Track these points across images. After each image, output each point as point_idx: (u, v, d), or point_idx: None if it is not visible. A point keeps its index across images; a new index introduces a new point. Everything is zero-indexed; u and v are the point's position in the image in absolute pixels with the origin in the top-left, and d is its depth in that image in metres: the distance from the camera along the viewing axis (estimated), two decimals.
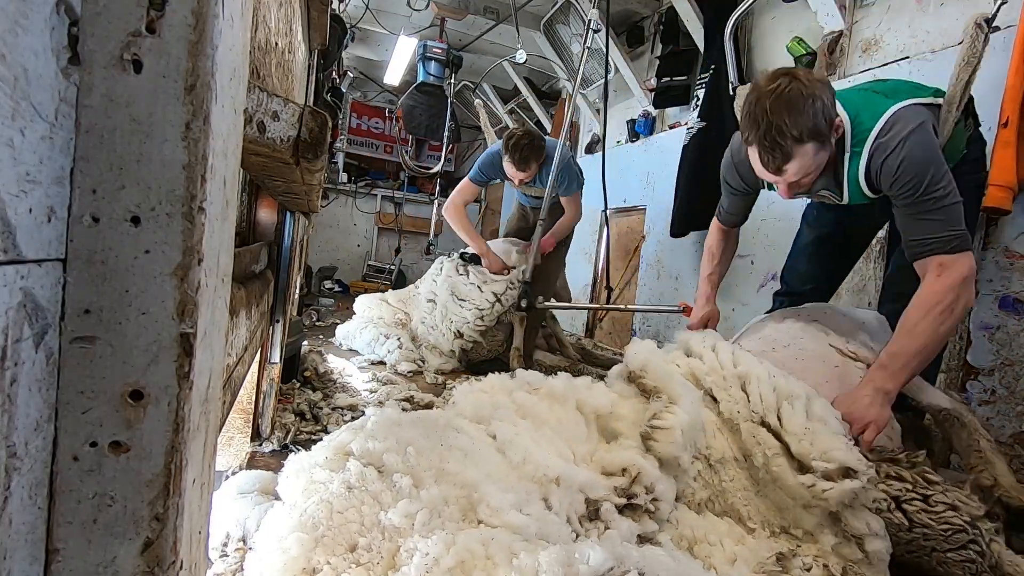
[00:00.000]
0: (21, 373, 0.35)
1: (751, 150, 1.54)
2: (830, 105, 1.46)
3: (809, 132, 1.44)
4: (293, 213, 1.61)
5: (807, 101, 1.42)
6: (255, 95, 0.67)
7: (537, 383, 1.64)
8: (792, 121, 1.42)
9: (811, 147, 1.46)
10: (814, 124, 1.43)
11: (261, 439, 1.71)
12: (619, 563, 0.86)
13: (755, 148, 1.51)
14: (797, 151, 1.46)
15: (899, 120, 1.49)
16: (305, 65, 2.04)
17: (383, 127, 7.76)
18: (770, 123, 1.43)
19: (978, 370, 2.14)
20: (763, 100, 1.45)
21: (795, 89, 1.42)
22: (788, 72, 1.48)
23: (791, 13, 3.20)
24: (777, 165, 1.50)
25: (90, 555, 0.41)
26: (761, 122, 1.45)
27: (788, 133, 1.43)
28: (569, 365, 3.29)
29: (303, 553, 0.92)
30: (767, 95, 1.45)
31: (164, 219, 0.41)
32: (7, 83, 0.32)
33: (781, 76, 1.46)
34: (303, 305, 4.04)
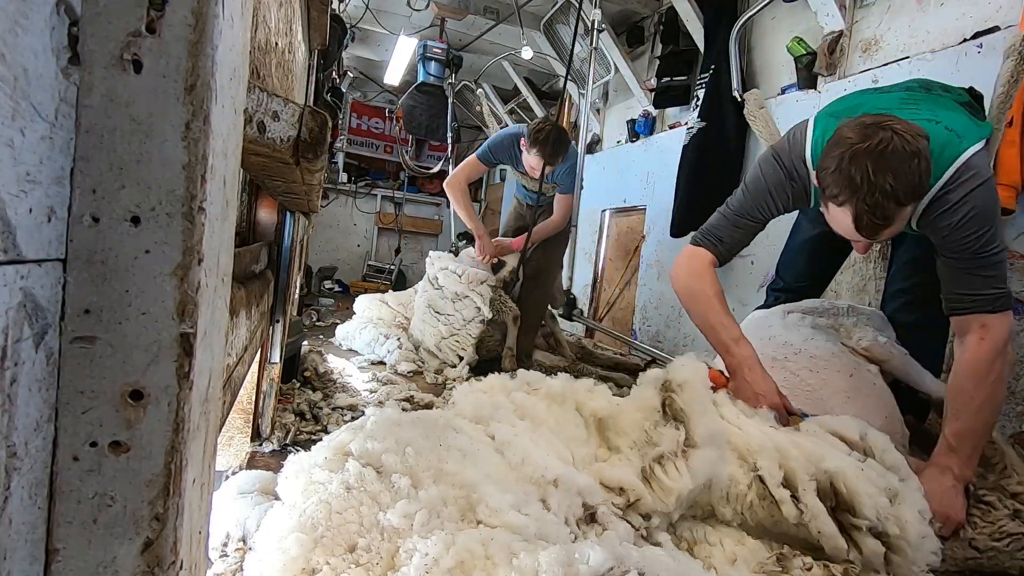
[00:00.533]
0: (21, 373, 0.35)
1: (840, 211, 1.37)
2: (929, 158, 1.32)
3: (913, 193, 1.30)
4: (293, 213, 1.61)
5: (912, 161, 1.27)
6: (255, 95, 0.67)
7: (536, 383, 1.64)
8: (897, 184, 1.27)
9: (910, 209, 1.34)
10: (918, 184, 1.29)
11: (261, 439, 1.71)
12: (619, 563, 0.86)
13: (849, 210, 1.34)
14: (899, 214, 1.32)
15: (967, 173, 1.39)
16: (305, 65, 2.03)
17: (383, 127, 7.76)
18: (873, 185, 1.28)
19: None
20: (862, 159, 1.29)
21: (898, 147, 1.27)
22: (885, 124, 1.31)
23: (791, 13, 3.20)
24: (876, 230, 1.35)
25: (90, 555, 0.41)
26: (862, 184, 1.29)
27: (892, 197, 1.28)
28: (569, 365, 3.29)
29: (302, 553, 0.92)
30: (866, 153, 1.29)
31: (164, 219, 0.41)
32: (7, 83, 0.32)
33: (880, 129, 1.30)
34: (303, 305, 4.04)
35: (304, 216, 1.90)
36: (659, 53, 4.20)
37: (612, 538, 1.11)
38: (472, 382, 1.70)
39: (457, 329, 2.94)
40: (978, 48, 2.18)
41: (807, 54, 2.95)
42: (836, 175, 1.33)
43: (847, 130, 1.36)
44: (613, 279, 4.77)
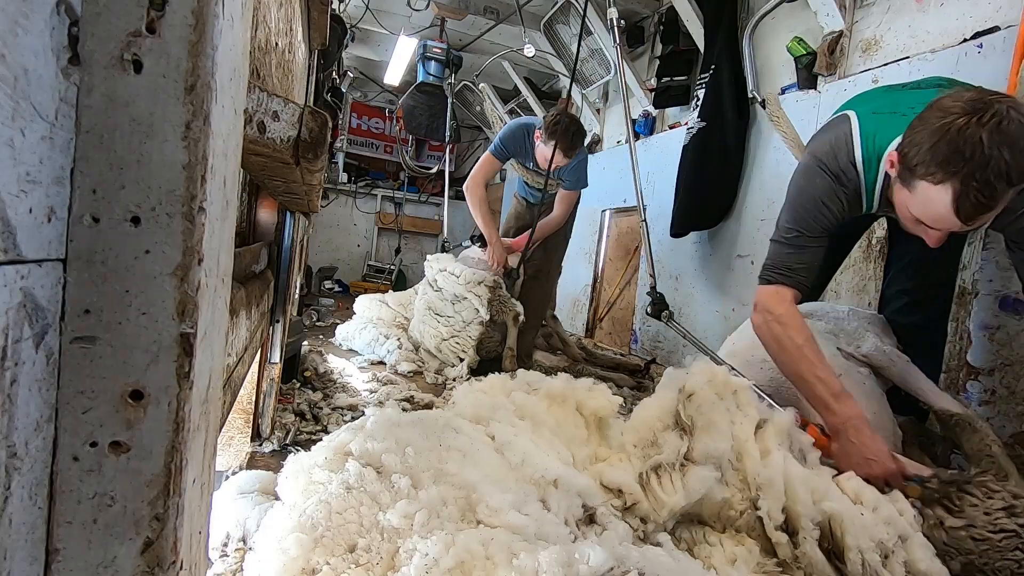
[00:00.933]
0: (21, 373, 0.35)
1: (937, 190, 1.23)
2: None
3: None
4: (293, 213, 1.61)
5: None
6: (255, 95, 0.67)
7: (537, 383, 1.64)
8: (1013, 160, 1.15)
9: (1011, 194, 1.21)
10: None
11: (261, 439, 1.71)
12: (619, 563, 0.86)
13: (949, 188, 1.21)
14: (1004, 197, 1.20)
15: None
16: (305, 65, 2.03)
17: (383, 127, 7.76)
18: (987, 159, 1.15)
19: (978, 370, 2.14)
20: (973, 130, 1.17)
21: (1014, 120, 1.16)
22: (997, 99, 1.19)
23: (791, 13, 3.20)
24: (978, 212, 1.21)
25: (90, 555, 0.41)
26: (970, 158, 1.17)
27: (1005, 175, 1.16)
28: (569, 365, 3.29)
29: (302, 554, 0.92)
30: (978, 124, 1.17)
31: (164, 219, 0.41)
32: (7, 83, 0.32)
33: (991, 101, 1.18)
34: (303, 305, 4.04)
35: (304, 216, 1.90)
36: (659, 53, 4.20)
37: (612, 538, 1.11)
38: (472, 382, 1.70)
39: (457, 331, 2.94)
40: (978, 48, 2.18)
41: (807, 54, 2.95)
42: (937, 149, 1.20)
43: (948, 102, 1.23)
44: (613, 279, 4.77)
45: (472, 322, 2.96)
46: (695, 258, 3.69)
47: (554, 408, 1.54)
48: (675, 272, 3.91)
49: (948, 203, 1.23)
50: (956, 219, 1.25)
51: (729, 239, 3.37)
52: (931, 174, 1.23)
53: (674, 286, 3.88)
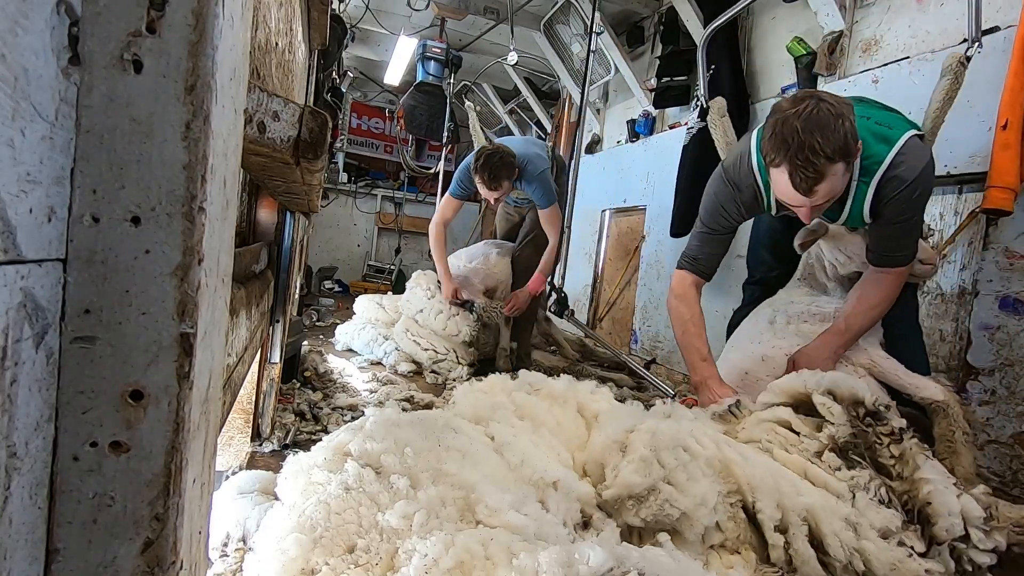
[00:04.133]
0: (21, 373, 0.35)
1: (778, 172, 1.53)
2: (854, 122, 1.48)
3: (840, 151, 1.45)
4: (293, 213, 1.61)
5: (836, 121, 1.44)
6: (255, 95, 0.67)
7: (539, 384, 1.64)
8: (824, 140, 1.42)
9: (840, 167, 1.48)
10: (844, 143, 1.45)
11: (261, 439, 1.71)
12: (619, 563, 0.86)
13: (784, 169, 1.50)
14: (828, 170, 1.46)
15: (910, 154, 1.59)
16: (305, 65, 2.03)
17: (383, 127, 7.76)
18: (802, 143, 1.43)
19: (978, 370, 2.14)
20: (791, 121, 1.45)
21: (824, 110, 1.44)
22: (813, 94, 1.50)
23: (791, 13, 3.20)
24: (809, 185, 1.48)
25: (90, 555, 0.41)
26: (792, 142, 1.45)
27: (821, 152, 1.43)
28: (568, 365, 3.29)
29: (301, 554, 0.92)
30: (795, 116, 1.45)
31: (164, 219, 0.41)
32: (7, 83, 0.32)
33: (807, 98, 1.48)
34: (303, 305, 4.04)
35: (304, 216, 1.90)
36: (659, 53, 4.20)
37: (611, 538, 1.11)
38: (472, 382, 1.70)
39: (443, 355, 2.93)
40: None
41: (807, 54, 2.95)
42: (772, 140, 1.50)
43: (781, 102, 1.54)
44: (613, 279, 4.77)
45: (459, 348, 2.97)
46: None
47: (555, 409, 1.54)
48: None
49: (787, 181, 1.51)
50: (798, 194, 1.52)
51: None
52: (772, 161, 1.53)
53: None
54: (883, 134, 1.62)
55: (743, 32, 3.51)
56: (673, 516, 1.16)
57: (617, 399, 1.71)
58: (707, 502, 1.18)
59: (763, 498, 1.21)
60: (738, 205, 1.83)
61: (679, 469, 1.21)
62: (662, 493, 1.18)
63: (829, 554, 1.15)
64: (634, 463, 1.21)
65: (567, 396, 1.59)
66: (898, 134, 1.61)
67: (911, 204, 1.61)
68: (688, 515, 1.17)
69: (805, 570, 1.15)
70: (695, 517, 1.17)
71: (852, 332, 1.71)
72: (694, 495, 1.18)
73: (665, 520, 1.17)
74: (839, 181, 1.51)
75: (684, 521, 1.17)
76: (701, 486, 1.20)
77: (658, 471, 1.20)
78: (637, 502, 1.19)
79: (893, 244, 1.69)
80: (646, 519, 1.18)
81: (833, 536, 1.15)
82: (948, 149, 2.25)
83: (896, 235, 1.67)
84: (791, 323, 1.86)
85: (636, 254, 4.40)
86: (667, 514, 1.16)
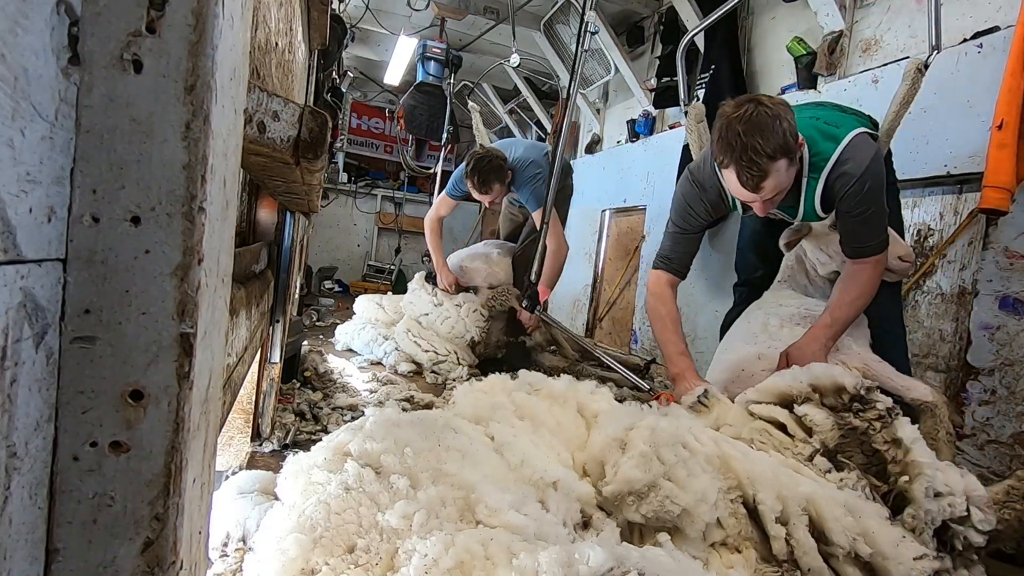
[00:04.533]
0: (21, 373, 0.35)
1: (728, 172, 1.64)
2: (792, 122, 1.60)
3: (780, 149, 1.56)
4: (293, 213, 1.61)
5: (775, 121, 1.55)
6: (255, 95, 0.67)
7: (539, 384, 1.64)
8: (764, 141, 1.54)
9: (783, 163, 1.59)
10: (784, 141, 1.56)
11: (261, 439, 1.71)
12: (619, 563, 0.86)
13: (732, 169, 1.61)
14: (771, 168, 1.58)
15: (856, 149, 1.69)
16: (305, 65, 2.03)
17: (383, 127, 7.76)
18: (744, 144, 1.55)
19: (978, 370, 2.14)
20: (734, 124, 1.57)
21: (762, 112, 1.56)
22: (752, 98, 1.61)
23: (791, 13, 3.20)
24: (755, 183, 1.60)
25: (90, 555, 0.41)
26: (736, 145, 1.57)
27: (763, 151, 1.55)
28: (569, 365, 3.29)
29: (301, 554, 0.92)
30: (736, 120, 1.57)
31: (164, 219, 0.41)
32: (7, 83, 0.32)
33: (746, 103, 1.60)
34: (303, 305, 4.04)
35: (304, 216, 1.90)
36: (659, 53, 4.20)
37: (611, 538, 1.10)
38: (472, 382, 1.70)
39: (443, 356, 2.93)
40: (978, 48, 2.18)
41: (807, 54, 2.95)
42: (719, 144, 1.62)
43: (725, 108, 1.64)
44: (613, 279, 4.77)
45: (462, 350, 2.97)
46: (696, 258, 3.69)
47: (555, 409, 1.54)
48: None
49: (735, 180, 1.62)
50: (747, 191, 1.63)
51: (729, 239, 3.37)
52: (721, 162, 1.64)
53: None
54: (830, 133, 1.73)
55: (743, 32, 3.51)
56: (674, 512, 1.16)
57: (617, 399, 1.71)
58: (707, 498, 1.18)
59: (763, 490, 1.22)
60: (704, 204, 1.93)
61: (679, 465, 1.21)
62: (662, 489, 1.18)
63: (831, 542, 1.15)
64: (634, 459, 1.21)
65: (567, 396, 1.59)
66: (844, 132, 1.71)
67: (864, 197, 1.69)
68: (689, 511, 1.17)
69: (807, 560, 1.15)
70: (696, 513, 1.17)
71: (838, 324, 1.76)
72: (694, 491, 1.18)
73: (666, 517, 1.17)
74: (783, 176, 1.62)
75: (685, 517, 1.17)
76: (701, 482, 1.20)
77: (658, 467, 1.20)
78: (637, 498, 1.19)
79: (860, 235, 1.76)
80: (647, 515, 1.18)
81: (835, 521, 1.15)
82: (947, 149, 2.25)
83: (859, 227, 1.75)
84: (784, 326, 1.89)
85: (636, 254, 4.40)
86: (668, 510, 1.16)
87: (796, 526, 1.17)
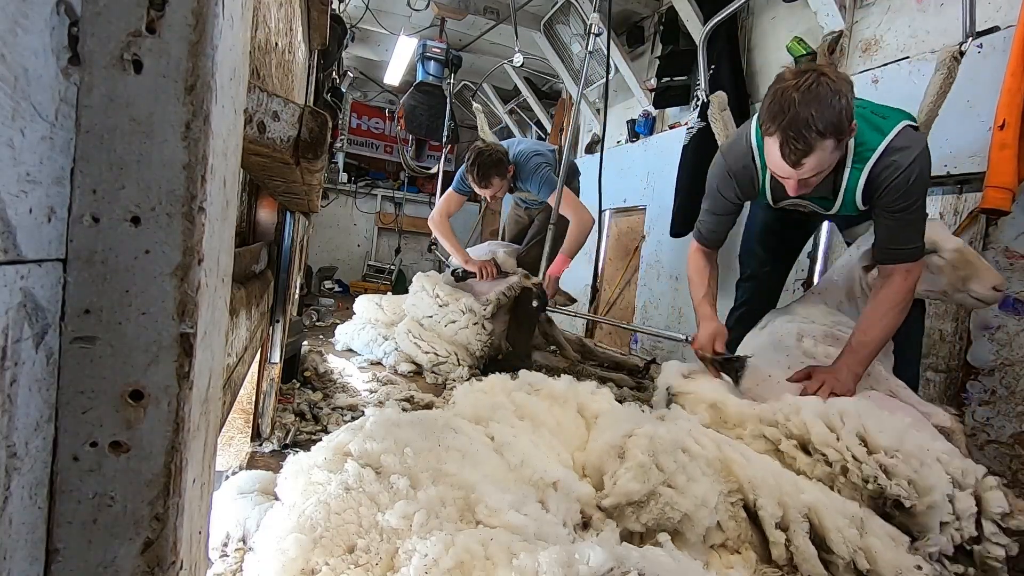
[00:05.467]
0: (21, 373, 0.35)
1: (770, 140, 1.55)
2: (851, 102, 1.50)
3: (833, 127, 1.46)
4: (293, 213, 1.61)
5: (835, 97, 1.45)
6: (255, 95, 0.67)
7: (539, 384, 1.64)
8: (819, 114, 1.44)
9: (831, 143, 1.49)
10: (838, 120, 1.46)
11: (261, 439, 1.71)
12: (619, 563, 0.86)
13: (776, 138, 1.52)
14: (818, 145, 1.48)
15: (906, 141, 1.59)
16: (305, 65, 2.03)
17: (383, 127, 7.76)
18: (796, 114, 1.45)
19: (978, 370, 2.14)
20: (790, 92, 1.47)
21: (824, 84, 1.45)
22: (816, 68, 1.51)
23: (791, 13, 3.20)
24: (797, 157, 1.50)
25: (90, 555, 0.41)
26: (787, 112, 1.47)
27: (813, 126, 1.45)
28: (569, 365, 3.29)
29: (301, 554, 0.92)
30: (794, 87, 1.47)
31: (164, 219, 0.41)
32: (7, 83, 0.32)
33: (810, 71, 1.49)
34: (303, 305, 4.04)
35: (304, 216, 1.90)
36: (659, 53, 4.20)
37: (611, 539, 1.10)
38: (472, 382, 1.70)
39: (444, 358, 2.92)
40: (978, 48, 2.18)
41: (807, 54, 2.95)
42: (769, 108, 1.52)
43: (785, 72, 1.55)
44: (613, 279, 4.77)
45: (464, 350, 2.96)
46: None
47: (555, 409, 1.54)
48: (675, 272, 3.91)
49: (777, 151, 1.53)
50: (786, 165, 1.54)
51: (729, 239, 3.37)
52: (766, 129, 1.55)
53: (674, 286, 3.88)
54: (877, 123, 1.63)
55: (743, 32, 3.51)
56: (675, 519, 1.16)
57: (617, 399, 1.71)
58: (708, 502, 1.18)
59: (764, 495, 1.21)
60: (734, 190, 1.89)
61: (678, 472, 1.21)
62: (662, 497, 1.18)
63: (832, 551, 1.15)
64: (632, 470, 1.21)
65: (567, 396, 1.59)
66: (892, 123, 1.62)
67: (908, 191, 1.60)
68: (689, 516, 1.16)
69: (806, 568, 1.15)
70: (696, 518, 1.17)
71: (869, 347, 1.66)
72: (694, 496, 1.18)
73: (667, 524, 1.17)
74: (827, 157, 1.52)
75: (685, 522, 1.17)
76: (701, 487, 1.20)
77: (657, 476, 1.20)
78: (637, 508, 1.19)
79: (896, 235, 1.66)
80: (647, 524, 1.18)
81: (836, 532, 1.14)
82: (948, 149, 2.25)
83: (896, 226, 1.66)
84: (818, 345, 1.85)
85: (636, 254, 4.40)
86: (668, 517, 1.16)
87: (796, 532, 1.17)
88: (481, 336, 2.96)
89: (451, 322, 3.01)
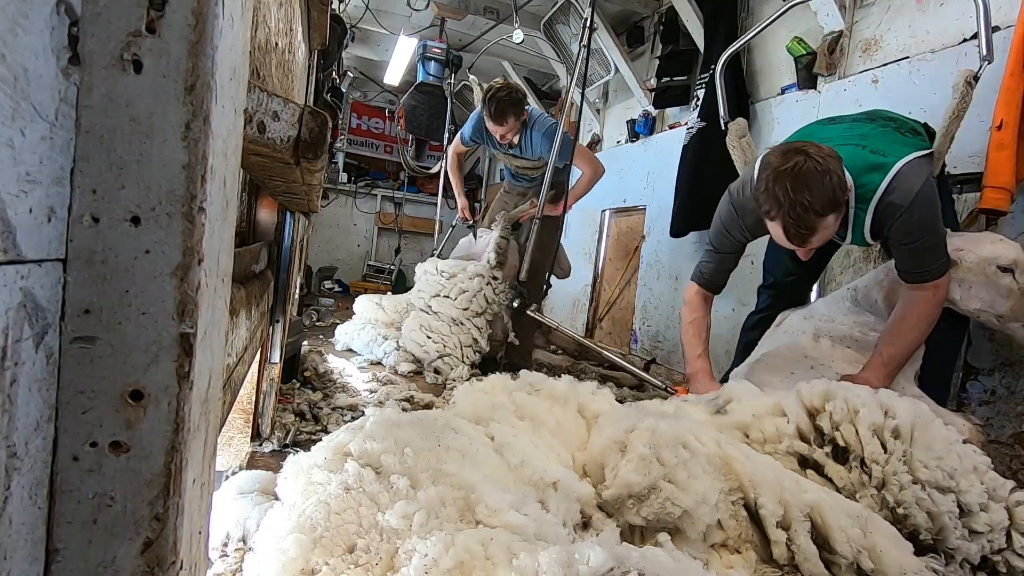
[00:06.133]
0: (21, 373, 0.35)
1: (774, 224, 1.63)
2: (841, 174, 1.56)
3: (830, 205, 1.53)
4: (293, 213, 1.61)
5: (824, 177, 1.51)
6: (255, 95, 0.67)
7: (539, 384, 1.64)
8: (813, 197, 1.51)
9: (831, 218, 1.57)
10: (833, 197, 1.53)
11: (261, 439, 1.71)
12: (619, 563, 0.86)
13: (779, 224, 1.60)
14: (820, 224, 1.56)
15: (905, 179, 1.62)
16: (305, 65, 2.03)
17: (383, 127, 7.76)
18: (793, 201, 1.52)
19: (978, 370, 2.14)
20: (782, 179, 1.54)
21: (811, 167, 1.52)
22: (800, 149, 1.57)
23: (791, 13, 3.19)
24: (803, 238, 1.59)
25: (90, 555, 0.41)
26: (783, 201, 1.54)
27: (811, 209, 1.52)
28: (570, 365, 3.29)
29: (301, 554, 0.92)
30: (784, 174, 1.53)
31: (164, 219, 0.41)
32: (7, 83, 0.32)
33: (794, 154, 1.56)
34: (303, 305, 4.04)
35: (304, 216, 1.90)
36: (659, 53, 4.20)
37: (611, 538, 1.10)
38: (472, 382, 1.70)
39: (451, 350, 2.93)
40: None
41: (807, 54, 2.95)
42: (764, 195, 1.59)
43: (771, 156, 1.63)
44: (613, 279, 4.77)
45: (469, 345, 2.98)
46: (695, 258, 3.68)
47: (555, 409, 1.54)
48: (675, 272, 3.91)
49: (782, 234, 1.62)
50: (792, 244, 1.64)
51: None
52: (767, 213, 1.63)
53: (674, 286, 3.87)
54: (876, 163, 1.66)
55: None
56: (675, 515, 1.16)
57: (617, 399, 1.71)
58: (708, 500, 1.18)
59: (765, 494, 1.21)
60: (742, 229, 1.93)
61: (679, 467, 1.21)
62: (663, 491, 1.17)
63: (834, 551, 1.14)
64: (633, 462, 1.21)
65: (568, 396, 1.59)
66: (892, 161, 1.64)
67: (915, 226, 1.63)
68: (689, 513, 1.16)
69: (807, 567, 1.14)
70: (696, 515, 1.16)
71: (893, 363, 1.69)
72: (695, 493, 1.18)
73: (667, 519, 1.17)
74: (831, 229, 1.60)
75: (686, 519, 1.17)
76: (702, 484, 1.20)
77: (658, 469, 1.20)
78: (638, 501, 1.19)
79: (916, 262, 1.69)
80: (647, 518, 1.18)
81: (839, 531, 1.14)
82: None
83: (913, 255, 1.69)
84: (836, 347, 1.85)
85: (636, 254, 4.40)
86: (668, 512, 1.16)
87: (798, 532, 1.16)
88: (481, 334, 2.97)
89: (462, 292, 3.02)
